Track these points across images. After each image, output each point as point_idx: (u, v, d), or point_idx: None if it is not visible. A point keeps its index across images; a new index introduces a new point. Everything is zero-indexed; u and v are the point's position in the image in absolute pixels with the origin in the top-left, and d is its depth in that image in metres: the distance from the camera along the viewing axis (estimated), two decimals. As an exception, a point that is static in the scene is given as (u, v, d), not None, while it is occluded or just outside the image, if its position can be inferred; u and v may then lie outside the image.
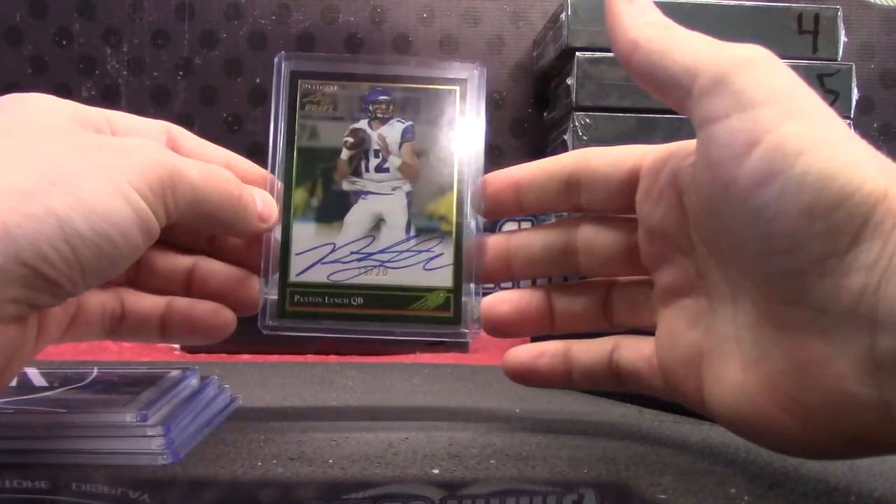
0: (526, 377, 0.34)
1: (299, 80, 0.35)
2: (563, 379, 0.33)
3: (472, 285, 0.34)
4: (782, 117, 0.23)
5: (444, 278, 0.34)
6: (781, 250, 0.23)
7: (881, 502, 0.26)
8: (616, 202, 0.31)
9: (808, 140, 0.23)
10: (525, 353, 0.34)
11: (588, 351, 0.33)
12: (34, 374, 0.35)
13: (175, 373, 0.35)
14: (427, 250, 0.34)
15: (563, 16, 0.64)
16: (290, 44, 0.77)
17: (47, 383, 0.34)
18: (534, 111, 0.77)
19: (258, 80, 0.77)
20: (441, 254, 0.34)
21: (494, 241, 0.34)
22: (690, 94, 0.25)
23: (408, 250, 0.34)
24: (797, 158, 0.22)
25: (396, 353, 0.58)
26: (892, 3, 0.78)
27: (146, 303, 0.33)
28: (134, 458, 0.28)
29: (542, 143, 0.76)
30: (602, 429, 0.36)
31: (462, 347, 0.59)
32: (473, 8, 0.77)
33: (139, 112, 0.32)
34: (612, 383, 0.33)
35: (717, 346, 0.27)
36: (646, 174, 0.30)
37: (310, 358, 0.57)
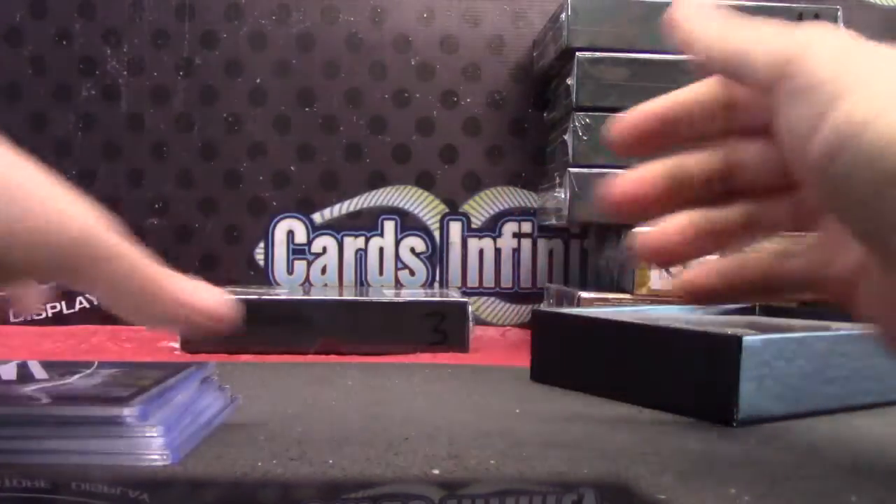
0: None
1: None
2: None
3: None
4: (845, 91, 0.23)
5: None
6: (859, 219, 0.24)
7: (882, 503, 0.26)
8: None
9: (875, 110, 0.23)
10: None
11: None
12: (35, 367, 0.35)
13: (175, 373, 0.35)
14: None
15: (563, 16, 0.64)
16: (291, 44, 0.77)
17: (48, 376, 0.34)
18: (534, 111, 0.77)
19: (258, 80, 0.77)
20: None
21: (650, 170, 0.31)
22: (761, 83, 0.26)
23: None
24: (864, 128, 0.23)
25: (396, 353, 0.58)
26: (892, 4, 0.78)
27: None
28: (134, 458, 0.28)
29: (542, 142, 0.76)
30: (602, 429, 0.36)
31: (462, 347, 0.59)
32: (473, 8, 0.77)
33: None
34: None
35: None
36: None
37: (310, 358, 0.57)
